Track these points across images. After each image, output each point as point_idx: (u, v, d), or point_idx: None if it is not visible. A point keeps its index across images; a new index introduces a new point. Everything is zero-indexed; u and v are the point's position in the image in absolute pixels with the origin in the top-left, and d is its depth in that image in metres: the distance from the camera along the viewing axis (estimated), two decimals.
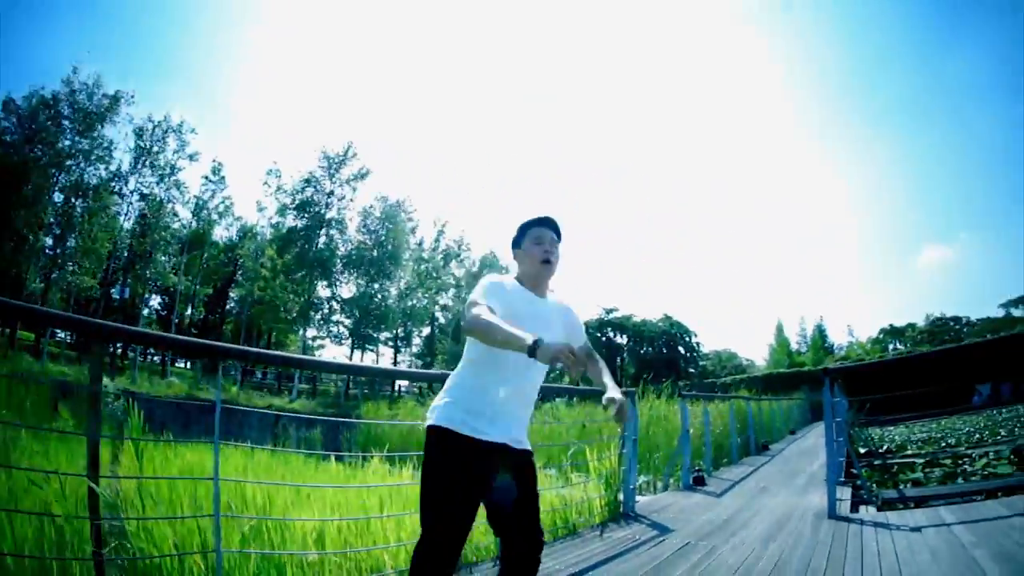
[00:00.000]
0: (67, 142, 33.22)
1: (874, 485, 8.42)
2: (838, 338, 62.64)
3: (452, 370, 2.60)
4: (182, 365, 44.87)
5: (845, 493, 6.10)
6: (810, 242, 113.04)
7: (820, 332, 63.33)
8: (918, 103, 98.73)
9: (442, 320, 51.11)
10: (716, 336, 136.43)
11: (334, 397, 38.63)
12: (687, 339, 61.33)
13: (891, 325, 57.67)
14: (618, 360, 58.32)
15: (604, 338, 61.20)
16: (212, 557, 2.69)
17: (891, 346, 36.99)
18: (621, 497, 5.81)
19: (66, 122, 33.16)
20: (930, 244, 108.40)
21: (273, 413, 24.60)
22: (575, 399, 17.54)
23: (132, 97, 35.58)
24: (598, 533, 4.90)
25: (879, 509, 5.91)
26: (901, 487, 8.23)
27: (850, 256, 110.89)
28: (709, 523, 5.13)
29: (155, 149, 36.61)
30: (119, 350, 36.40)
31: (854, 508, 5.66)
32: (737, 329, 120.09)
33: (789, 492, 6.67)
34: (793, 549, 3.97)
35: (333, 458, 8.66)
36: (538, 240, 2.58)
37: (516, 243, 2.66)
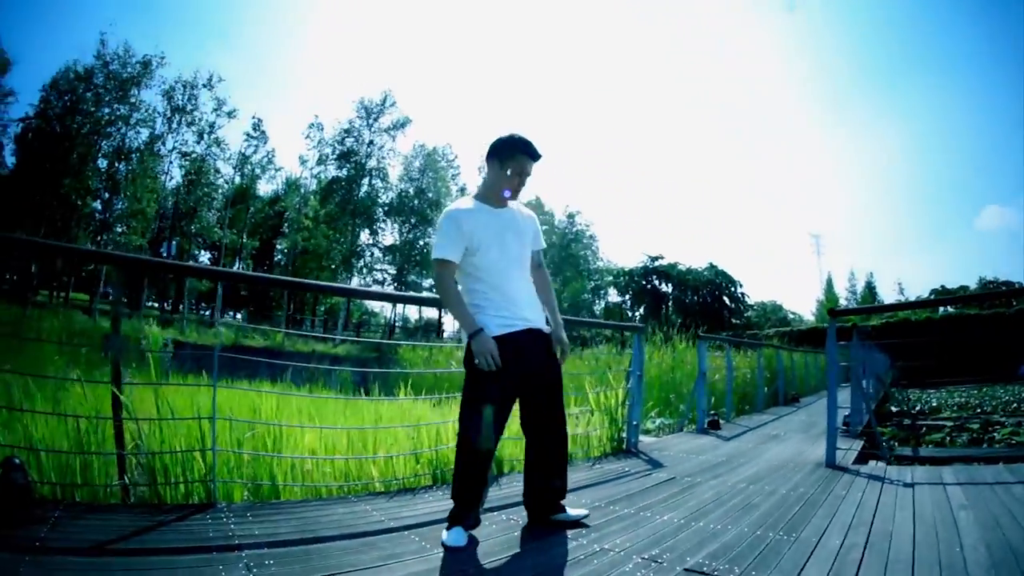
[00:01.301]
0: (106, 110, 34.32)
1: (896, 443, 8.23)
2: (888, 296, 60.81)
3: None
4: (232, 316, 46.67)
5: (856, 445, 5.90)
6: (866, 196, 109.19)
7: (870, 288, 61.47)
8: (991, 55, 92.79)
9: None
10: (764, 288, 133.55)
11: (376, 343, 39.34)
12: (732, 289, 59.88)
13: (942, 286, 55.62)
14: (663, 308, 57.58)
15: (649, 285, 60.21)
16: (210, 455, 3.20)
17: (941, 309, 35.64)
18: (625, 434, 5.80)
19: (102, 91, 34.21)
20: (991, 205, 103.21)
21: (280, 362, 25.28)
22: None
23: (163, 60, 36.47)
24: (592, 464, 4.97)
25: (888, 464, 5.75)
26: (922, 447, 8.05)
27: (907, 212, 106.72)
28: (705, 463, 5.10)
29: (189, 108, 37.44)
30: (169, 305, 37.76)
31: (862, 460, 5.44)
32: (786, 281, 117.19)
33: (800, 441, 6.46)
34: (772, 491, 3.82)
35: (364, 395, 8.75)
36: (520, 172, 2.86)
37: (499, 156, 2.87)
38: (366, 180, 41.45)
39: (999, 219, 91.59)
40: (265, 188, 47.30)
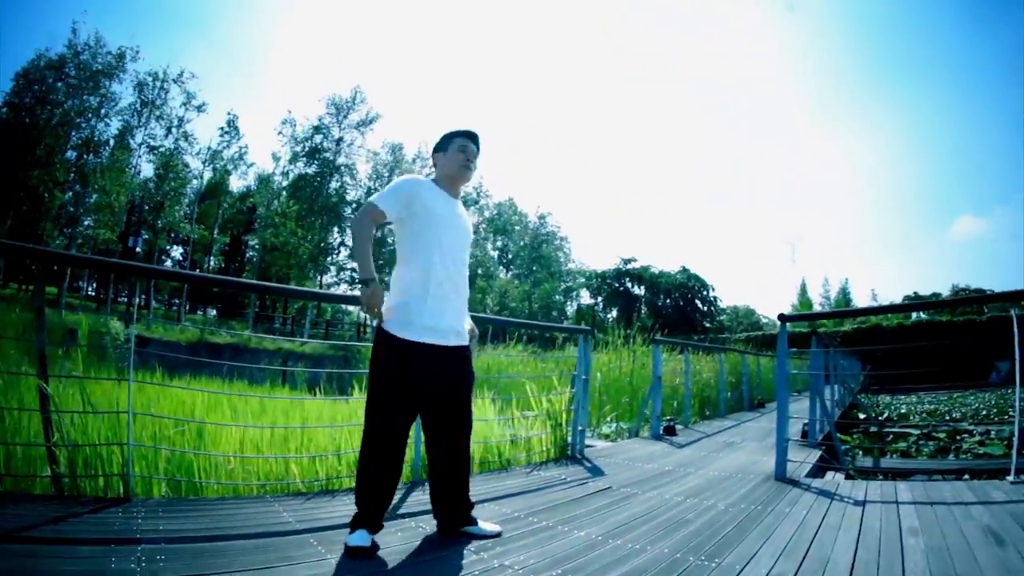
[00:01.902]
0: (76, 101, 33.46)
1: (860, 452, 7.94)
2: (862, 302, 61.40)
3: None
4: (200, 314, 45.89)
5: (814, 456, 5.56)
6: (841, 201, 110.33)
7: (844, 294, 62.13)
8: (972, 66, 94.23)
9: None
10: (738, 293, 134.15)
11: (347, 341, 38.87)
12: (704, 293, 59.81)
13: (915, 293, 56.35)
14: (635, 311, 57.45)
15: (622, 288, 59.96)
16: (127, 449, 3.19)
17: (913, 315, 35.97)
18: (570, 439, 5.55)
19: (73, 81, 33.47)
20: (964, 215, 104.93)
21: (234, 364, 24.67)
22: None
23: (137, 53, 35.84)
24: (529, 471, 4.74)
25: (847, 477, 5.40)
26: (887, 457, 7.75)
27: (883, 220, 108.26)
28: (648, 472, 4.81)
29: (158, 102, 36.76)
30: (140, 300, 37.07)
31: (819, 473, 5.10)
32: (761, 287, 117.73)
33: (754, 450, 6.10)
34: (710, 506, 3.47)
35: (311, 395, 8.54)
36: (463, 149, 2.88)
37: (441, 147, 2.93)
38: (335, 177, 40.76)
39: (972, 229, 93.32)
40: (238, 184, 47.18)
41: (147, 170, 37.58)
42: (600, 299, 60.56)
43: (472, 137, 2.93)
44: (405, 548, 2.60)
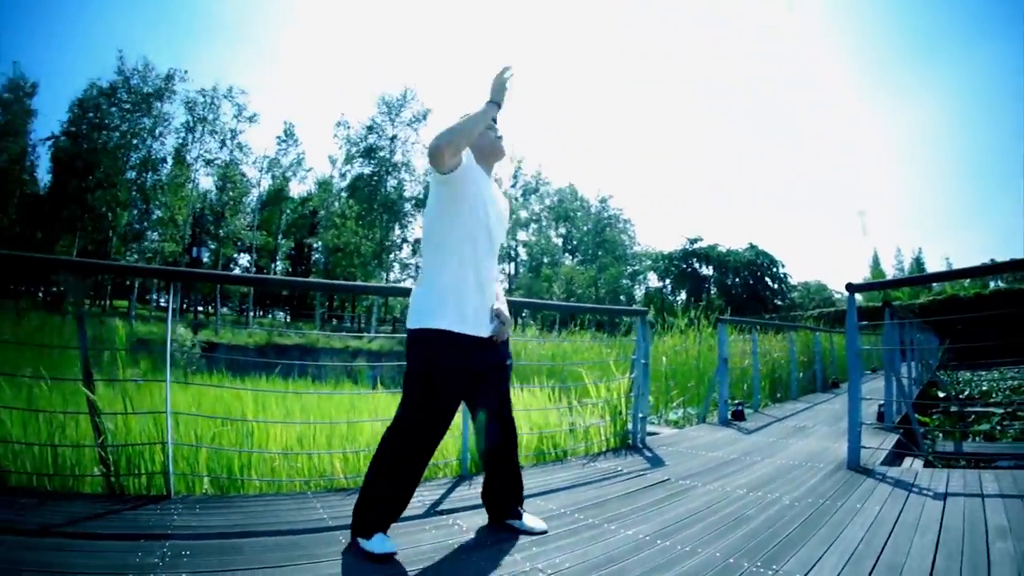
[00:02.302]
0: (130, 124, 35.54)
1: (940, 435, 7.43)
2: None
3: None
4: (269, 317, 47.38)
5: (890, 440, 5.19)
6: (914, 172, 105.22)
7: (918, 264, 59.36)
8: None
9: (524, 256, 50.44)
10: (808, 267, 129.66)
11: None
12: (774, 269, 58.05)
13: (992, 260, 53.13)
14: (704, 291, 56.20)
15: (689, 268, 58.79)
16: (167, 448, 3.25)
17: (991, 283, 33.97)
18: (630, 427, 5.38)
19: (126, 105, 35.49)
20: None
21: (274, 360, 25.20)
22: None
23: (185, 74, 37.67)
24: (586, 462, 4.55)
25: (926, 464, 5.03)
26: (968, 440, 7.19)
27: (955, 185, 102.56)
28: (710, 461, 4.54)
29: (210, 117, 38.63)
30: (210, 307, 38.68)
31: (896, 460, 4.72)
32: (832, 261, 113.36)
33: (826, 435, 5.73)
34: (774, 500, 3.24)
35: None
36: (489, 125, 2.55)
37: None
38: (390, 175, 41.19)
39: None
40: (298, 189, 48.60)
41: (206, 183, 39.65)
42: (668, 281, 59.42)
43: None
44: (435, 547, 2.51)
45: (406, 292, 2.96)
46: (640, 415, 5.36)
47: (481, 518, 2.87)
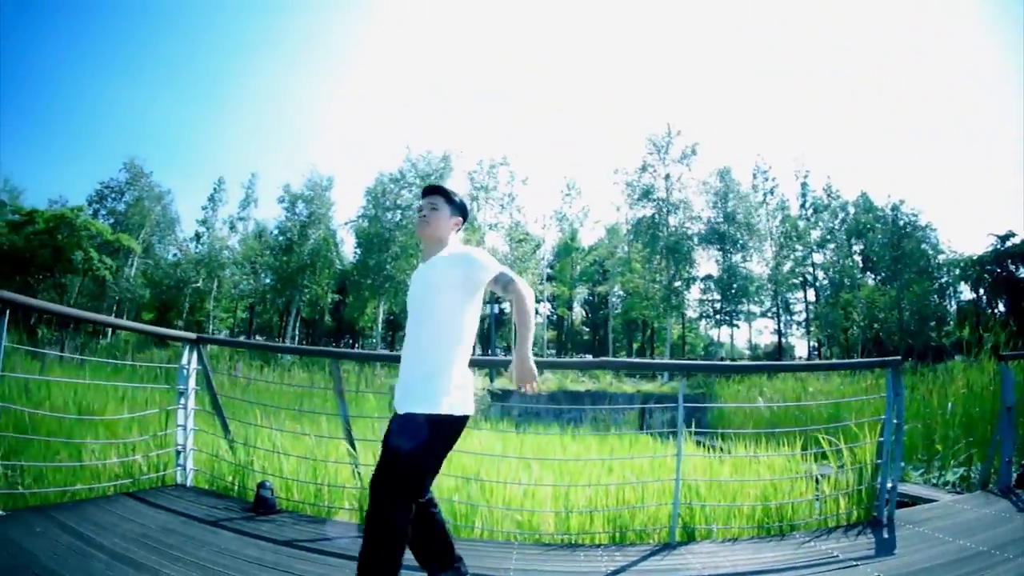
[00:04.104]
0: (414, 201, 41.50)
1: None
2: None
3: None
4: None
5: None
6: None
7: None
8: None
9: (823, 281, 44.63)
10: None
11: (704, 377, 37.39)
12: None
13: None
14: None
15: (1004, 273, 43.14)
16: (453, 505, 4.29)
17: None
18: (878, 500, 4.59)
19: (414, 186, 42.08)
20: None
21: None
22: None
23: (461, 153, 45.21)
24: (807, 539, 4.04)
25: None
26: None
27: None
28: (952, 553, 3.58)
29: (489, 186, 43.55)
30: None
31: None
32: None
33: None
34: None
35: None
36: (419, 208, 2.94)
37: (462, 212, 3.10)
38: (669, 214, 41.07)
39: None
40: (589, 238, 51.45)
41: (497, 241, 43.10)
42: (982, 291, 44.48)
43: (422, 193, 3.03)
44: None
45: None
46: (888, 485, 4.53)
47: None
